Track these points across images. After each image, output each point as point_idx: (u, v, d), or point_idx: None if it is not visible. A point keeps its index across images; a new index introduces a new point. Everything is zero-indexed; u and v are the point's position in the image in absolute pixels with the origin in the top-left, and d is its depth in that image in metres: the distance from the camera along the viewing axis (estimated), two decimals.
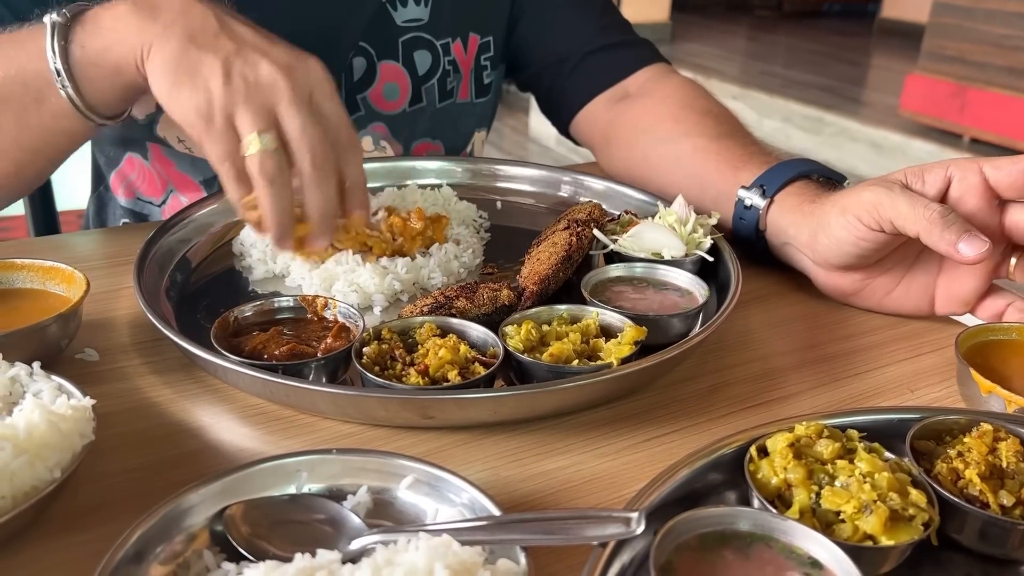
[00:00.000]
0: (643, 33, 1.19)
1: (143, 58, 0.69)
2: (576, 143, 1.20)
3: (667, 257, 0.79)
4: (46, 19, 0.71)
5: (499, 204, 1.01)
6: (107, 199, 1.13)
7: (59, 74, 0.71)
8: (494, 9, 1.15)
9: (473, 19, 1.13)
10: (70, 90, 0.72)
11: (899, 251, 0.78)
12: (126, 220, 1.11)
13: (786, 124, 4.66)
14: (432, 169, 1.04)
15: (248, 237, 0.84)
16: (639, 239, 0.80)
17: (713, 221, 0.84)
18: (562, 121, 1.17)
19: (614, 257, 0.81)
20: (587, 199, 0.98)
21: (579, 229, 0.80)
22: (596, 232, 0.81)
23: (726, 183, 0.89)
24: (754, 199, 0.85)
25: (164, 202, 1.07)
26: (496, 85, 1.21)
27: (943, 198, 0.74)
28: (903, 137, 4.08)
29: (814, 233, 0.78)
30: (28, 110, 0.74)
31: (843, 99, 4.77)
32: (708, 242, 0.81)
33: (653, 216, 0.86)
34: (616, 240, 0.81)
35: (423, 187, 0.97)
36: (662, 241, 0.80)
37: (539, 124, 4.34)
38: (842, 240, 0.75)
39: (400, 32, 1.07)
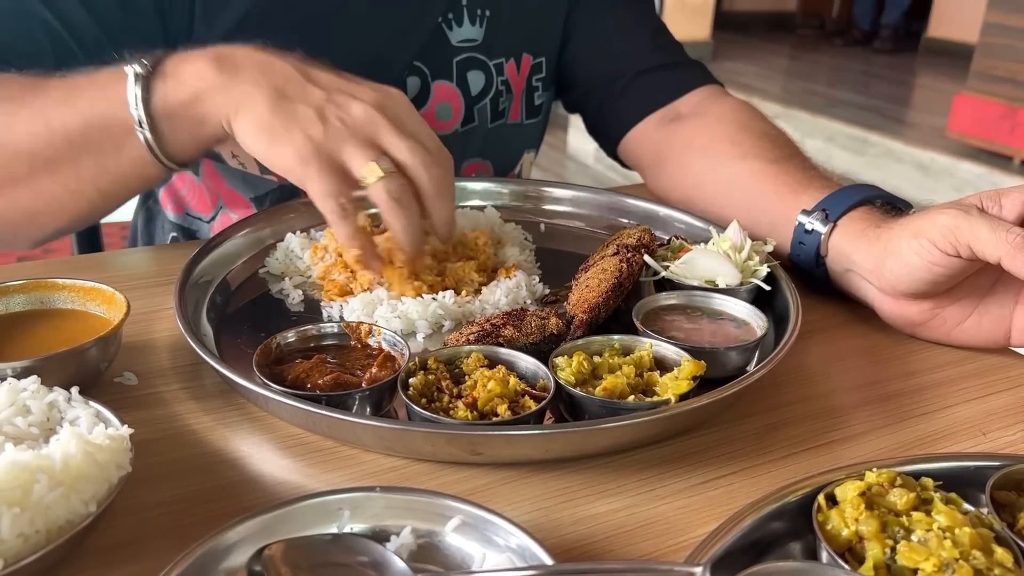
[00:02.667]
0: (688, 51, 1.17)
1: (232, 116, 0.70)
2: (624, 165, 1.17)
3: (721, 285, 0.76)
4: (127, 69, 0.72)
5: (543, 227, 0.99)
6: (155, 212, 1.13)
7: (140, 124, 0.72)
8: (548, 30, 1.14)
9: (527, 40, 1.12)
10: (150, 139, 0.73)
11: (972, 279, 0.74)
12: (174, 235, 1.11)
13: (829, 144, 4.59)
14: (477, 191, 1.02)
15: (279, 266, 0.82)
16: (692, 266, 0.77)
17: (769, 248, 0.81)
18: (611, 142, 1.14)
19: (665, 284, 0.78)
20: (635, 223, 0.95)
21: (629, 255, 0.77)
22: (647, 258, 0.78)
23: (785, 207, 0.86)
24: (815, 224, 0.81)
25: (213, 218, 1.06)
26: (547, 106, 1.20)
27: (1022, 223, 0.70)
28: (950, 159, 3.99)
29: (881, 259, 0.75)
30: (107, 155, 0.75)
31: (888, 119, 4.69)
32: (764, 270, 0.78)
33: (705, 242, 0.83)
34: (668, 267, 0.78)
35: (468, 208, 0.95)
36: (716, 268, 0.77)
37: (577, 142, 4.31)
38: (914, 266, 0.72)
39: (454, 52, 1.06)
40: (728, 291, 0.75)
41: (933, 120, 4.54)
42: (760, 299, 0.77)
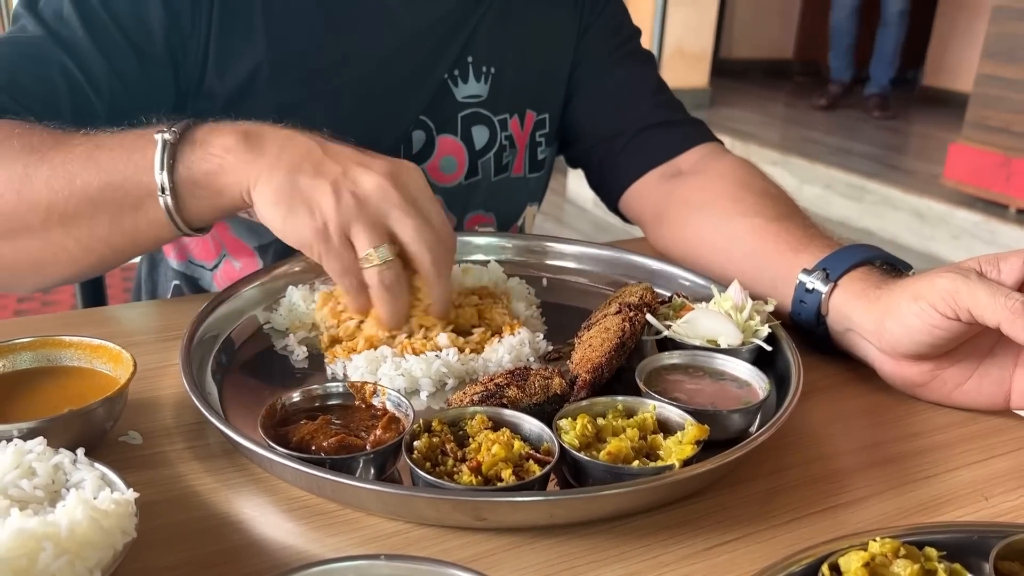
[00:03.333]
0: (682, 98, 1.19)
1: (251, 189, 0.73)
2: (624, 219, 1.19)
3: (723, 345, 0.76)
4: (157, 136, 0.74)
5: (545, 281, 1.00)
6: (158, 260, 1.15)
7: (163, 189, 0.74)
8: (551, 88, 1.16)
9: (531, 97, 1.14)
10: (170, 204, 0.75)
11: (972, 341, 0.75)
12: (176, 282, 1.11)
13: (827, 191, 4.62)
14: (480, 245, 1.03)
15: (283, 321, 0.83)
16: (694, 325, 0.78)
17: (770, 308, 0.82)
18: (612, 196, 1.16)
19: (667, 343, 0.78)
20: (636, 280, 0.96)
21: (631, 314, 0.78)
22: (649, 317, 0.79)
23: (786, 265, 0.87)
24: (816, 283, 0.82)
25: (216, 266, 1.07)
26: (549, 161, 1.22)
27: (1020, 288, 0.71)
28: (947, 207, 4.02)
29: (881, 320, 0.76)
30: (124, 215, 0.76)
31: (885, 167, 4.73)
32: (765, 330, 0.78)
33: (707, 300, 0.83)
34: (670, 326, 0.79)
35: (471, 262, 0.96)
36: (718, 328, 0.77)
37: (576, 186, 4.35)
38: (914, 328, 0.73)
39: (460, 108, 1.08)
40: (730, 351, 0.75)
41: (930, 168, 4.59)
42: (762, 358, 0.77)
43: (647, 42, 6.04)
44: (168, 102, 0.93)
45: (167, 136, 0.74)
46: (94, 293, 1.27)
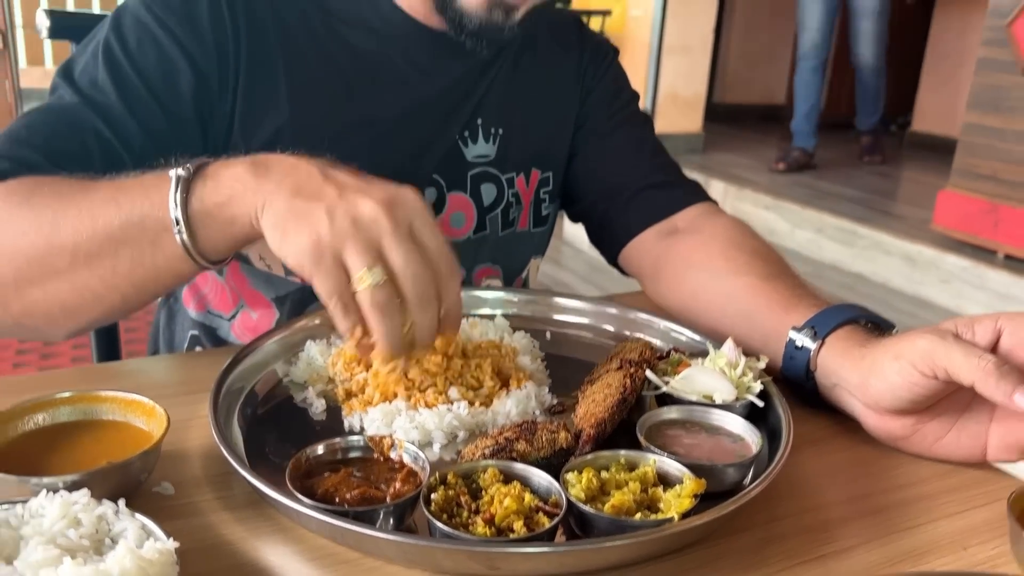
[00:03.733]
0: (676, 143, 1.27)
1: (258, 214, 0.76)
2: (623, 272, 1.24)
3: (718, 401, 0.81)
4: (171, 173, 0.78)
5: (549, 334, 1.05)
6: (176, 311, 1.19)
7: (177, 223, 0.78)
8: (555, 147, 1.24)
9: (536, 156, 1.21)
10: (185, 237, 0.78)
11: (951, 397, 0.80)
12: (194, 332, 1.16)
13: (819, 235, 4.70)
14: (488, 300, 1.08)
15: (302, 374, 0.87)
16: (691, 382, 0.83)
17: (762, 365, 0.87)
18: (611, 251, 1.22)
19: (666, 398, 0.83)
20: (636, 334, 1.01)
21: (632, 370, 0.83)
22: (648, 373, 0.84)
23: (777, 322, 0.92)
24: (805, 341, 0.87)
25: (233, 316, 1.12)
26: (552, 216, 1.28)
27: (994, 349, 0.76)
28: (937, 252, 4.09)
29: (865, 377, 0.81)
30: (143, 251, 0.80)
31: (875, 212, 4.81)
32: (758, 387, 0.83)
33: (703, 356, 0.88)
34: (668, 382, 0.83)
35: (478, 316, 1.01)
36: (713, 385, 0.82)
37: (573, 229, 4.41)
38: (896, 385, 0.78)
39: (469, 167, 1.15)
40: (724, 407, 0.80)
41: (919, 213, 4.67)
42: (754, 413, 0.82)
43: (641, 88, 6.15)
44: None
45: (181, 173, 0.79)
46: (108, 346, 1.32)
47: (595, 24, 6.35)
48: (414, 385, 0.82)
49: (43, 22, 1.38)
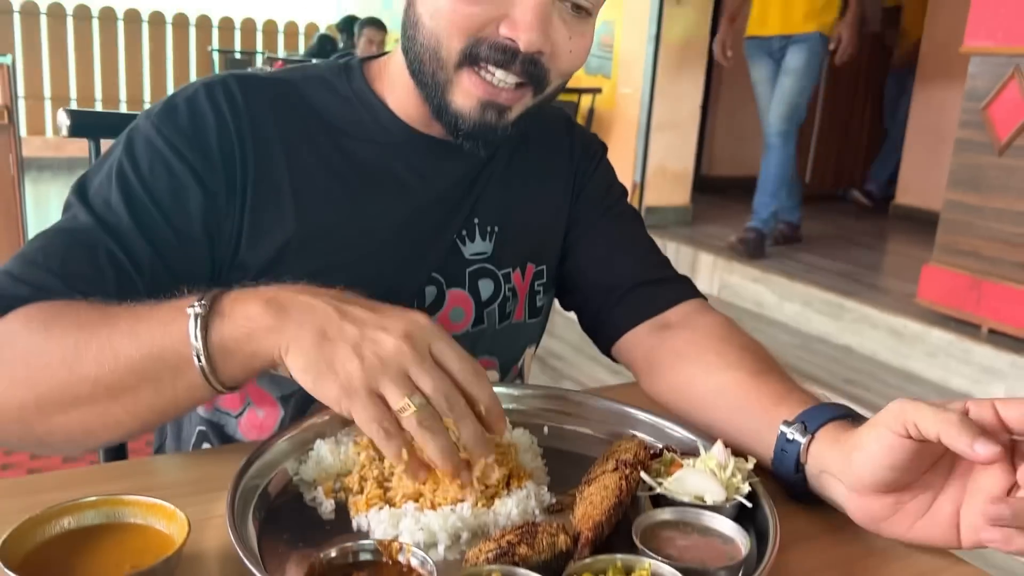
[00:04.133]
0: (665, 215, 1.34)
1: (282, 354, 0.82)
2: (615, 361, 1.30)
3: (709, 502, 0.85)
4: (188, 310, 0.84)
5: (546, 429, 1.09)
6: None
7: (198, 357, 0.83)
8: (549, 241, 1.30)
9: (531, 251, 1.27)
10: (206, 369, 0.84)
11: (927, 476, 0.84)
12: (201, 428, 1.20)
13: (806, 308, 4.78)
14: None
15: (312, 473, 0.91)
16: (683, 483, 0.87)
17: (750, 466, 0.91)
18: (605, 344, 1.28)
19: (660, 499, 0.87)
20: (631, 429, 1.06)
21: (627, 471, 0.87)
22: (644, 475, 0.88)
23: (768, 417, 0.98)
24: (795, 435, 0.93)
25: (241, 414, 1.16)
26: (547, 307, 1.34)
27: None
28: (922, 326, 4.17)
29: (848, 455, 0.86)
30: (164, 382, 0.85)
31: (861, 285, 4.90)
32: (746, 488, 0.87)
33: (694, 454, 0.93)
34: (661, 483, 0.88)
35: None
36: (704, 486, 0.87)
37: None
38: (874, 453, 0.83)
39: (467, 264, 1.21)
40: (715, 508, 0.84)
41: (904, 287, 4.76)
42: (744, 513, 0.86)
43: (631, 162, 6.32)
44: (203, 275, 1.04)
45: (197, 310, 0.84)
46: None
47: (586, 101, 6.54)
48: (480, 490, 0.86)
49: (64, 121, 1.45)
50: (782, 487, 0.93)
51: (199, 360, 0.83)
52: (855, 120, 8.04)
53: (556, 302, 1.39)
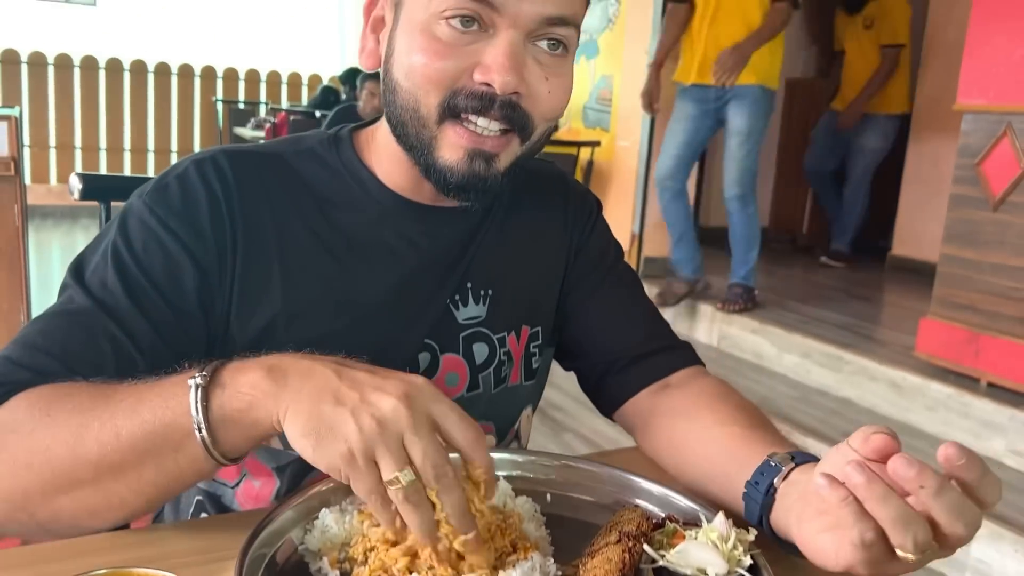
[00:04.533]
0: (662, 267, 1.36)
1: (280, 420, 0.83)
2: (614, 421, 1.31)
3: (711, 574, 0.86)
4: (190, 382, 0.85)
5: (549, 497, 1.10)
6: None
7: (199, 428, 0.84)
8: (545, 302, 1.32)
9: (526, 313, 1.28)
10: (207, 441, 0.85)
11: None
12: (199, 498, 1.20)
13: (805, 360, 4.78)
14: None
15: (317, 543, 0.92)
16: (686, 555, 0.88)
17: (751, 537, 0.92)
18: (607, 410, 1.30)
19: (662, 571, 0.88)
20: (634, 500, 1.07)
21: (630, 544, 0.88)
22: (646, 547, 0.89)
23: (759, 461, 0.99)
24: (779, 462, 0.95)
25: (237, 484, 1.17)
26: (543, 367, 1.35)
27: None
28: (921, 379, 4.17)
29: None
30: (166, 457, 0.87)
31: (860, 337, 4.92)
32: (748, 561, 0.88)
33: (696, 525, 0.94)
34: (664, 555, 0.89)
35: None
36: (706, 559, 0.87)
37: None
38: (810, 491, 0.85)
39: (461, 328, 1.21)
40: None
41: (903, 339, 4.77)
42: None
43: (628, 214, 6.37)
44: (202, 350, 1.06)
45: (198, 380, 0.85)
46: None
47: (585, 154, 6.63)
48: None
49: (75, 184, 1.48)
50: (775, 556, 0.94)
51: (200, 432, 0.84)
52: None
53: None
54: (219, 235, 1.06)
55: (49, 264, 7.32)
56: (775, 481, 0.94)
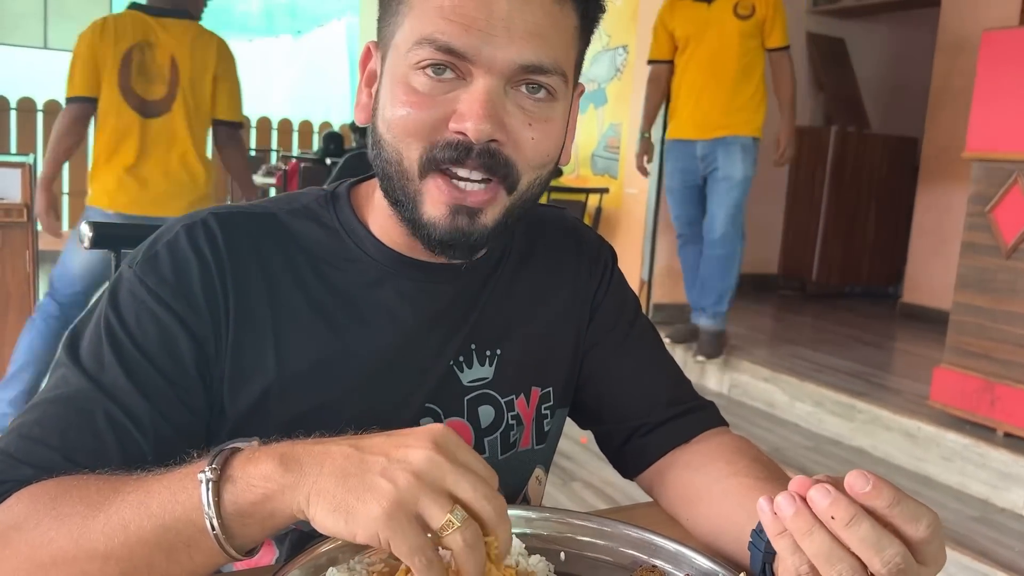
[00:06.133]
0: (672, 313, 1.33)
1: (303, 508, 0.77)
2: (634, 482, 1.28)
3: None
4: (200, 476, 0.80)
5: (563, 555, 1.06)
6: None
7: (213, 526, 0.79)
8: (557, 361, 1.25)
9: (535, 374, 1.23)
10: (221, 536, 0.80)
11: None
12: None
13: (818, 409, 4.73)
14: None
15: None
16: None
17: None
18: (629, 474, 1.28)
19: None
20: (652, 560, 1.03)
21: None
22: None
23: None
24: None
25: None
26: (556, 429, 1.29)
27: None
28: (936, 429, 4.11)
29: None
30: (178, 552, 0.82)
31: (873, 385, 4.86)
32: None
33: None
34: None
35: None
36: None
37: None
38: None
39: (466, 391, 1.16)
40: None
41: (916, 387, 4.72)
42: None
43: (637, 261, 6.38)
44: (203, 423, 1.02)
45: (208, 475, 0.80)
46: None
47: (593, 201, 6.65)
48: None
49: (86, 232, 1.48)
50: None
51: (213, 528, 0.79)
52: (860, 216, 8.12)
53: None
54: (212, 304, 1.02)
55: None
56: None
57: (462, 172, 0.99)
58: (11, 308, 4.37)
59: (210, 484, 0.79)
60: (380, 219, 1.12)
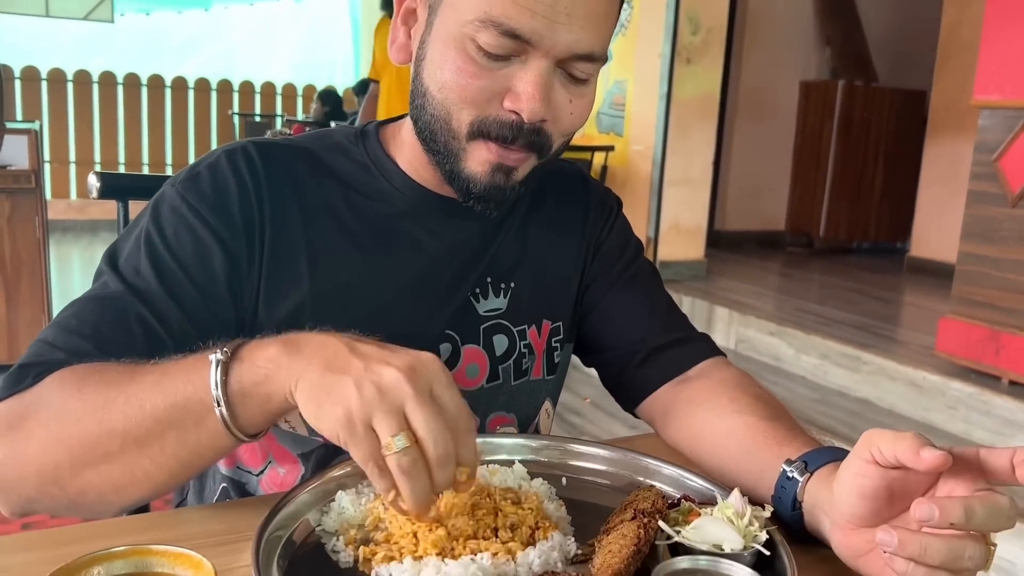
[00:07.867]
0: (679, 270, 1.36)
1: (292, 390, 0.84)
2: (636, 416, 1.31)
3: (727, 550, 0.86)
4: (211, 357, 0.87)
5: (564, 480, 1.10)
6: (208, 468, 1.24)
7: (219, 403, 0.86)
8: (565, 297, 1.32)
9: (546, 308, 1.29)
10: (226, 415, 0.86)
11: (905, 516, 0.84)
12: (224, 485, 1.21)
13: (824, 361, 4.76)
14: (504, 446, 1.14)
15: (334, 524, 0.92)
16: (701, 531, 0.88)
17: (767, 514, 0.92)
18: (628, 404, 1.31)
19: (678, 548, 0.88)
20: (649, 481, 1.07)
21: (645, 520, 0.88)
22: (661, 523, 0.89)
23: (772, 457, 1.01)
24: (795, 473, 0.95)
25: (262, 472, 1.18)
26: (564, 362, 1.35)
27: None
28: (941, 378, 4.14)
29: (832, 487, 0.88)
30: (187, 431, 0.88)
31: (879, 337, 4.89)
32: (764, 536, 0.88)
33: (711, 504, 0.94)
34: (679, 531, 0.89)
35: (496, 463, 1.06)
36: (722, 535, 0.87)
37: None
38: (849, 483, 0.84)
39: (482, 320, 1.23)
40: (733, 556, 0.85)
41: (922, 339, 4.74)
42: (761, 561, 0.87)
43: (644, 218, 6.37)
44: (230, 334, 1.06)
45: (219, 356, 0.87)
46: None
47: (599, 159, 6.64)
48: (449, 539, 0.86)
49: (93, 183, 1.50)
50: (782, 522, 0.94)
51: (219, 406, 0.86)
52: (868, 172, 8.08)
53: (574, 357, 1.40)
54: (248, 223, 1.09)
55: (69, 277, 7.40)
56: (796, 493, 0.94)
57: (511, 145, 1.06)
58: (23, 275, 4.43)
59: (219, 364, 0.86)
60: (408, 156, 1.19)
